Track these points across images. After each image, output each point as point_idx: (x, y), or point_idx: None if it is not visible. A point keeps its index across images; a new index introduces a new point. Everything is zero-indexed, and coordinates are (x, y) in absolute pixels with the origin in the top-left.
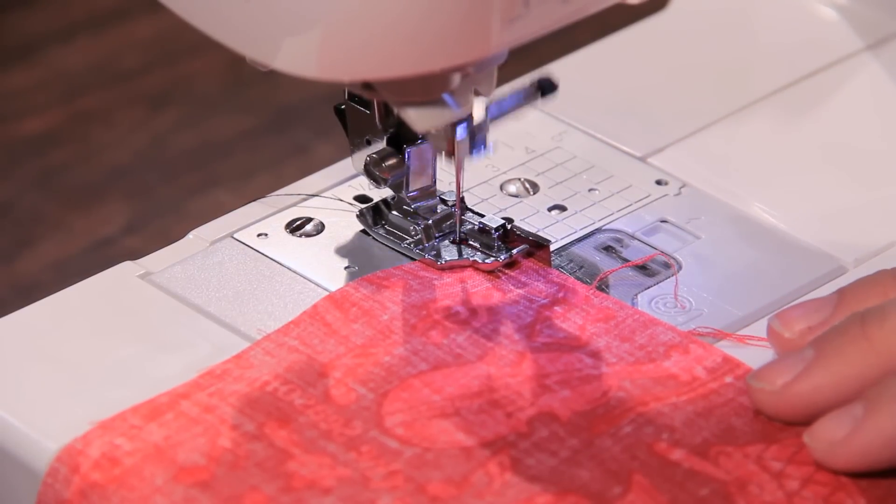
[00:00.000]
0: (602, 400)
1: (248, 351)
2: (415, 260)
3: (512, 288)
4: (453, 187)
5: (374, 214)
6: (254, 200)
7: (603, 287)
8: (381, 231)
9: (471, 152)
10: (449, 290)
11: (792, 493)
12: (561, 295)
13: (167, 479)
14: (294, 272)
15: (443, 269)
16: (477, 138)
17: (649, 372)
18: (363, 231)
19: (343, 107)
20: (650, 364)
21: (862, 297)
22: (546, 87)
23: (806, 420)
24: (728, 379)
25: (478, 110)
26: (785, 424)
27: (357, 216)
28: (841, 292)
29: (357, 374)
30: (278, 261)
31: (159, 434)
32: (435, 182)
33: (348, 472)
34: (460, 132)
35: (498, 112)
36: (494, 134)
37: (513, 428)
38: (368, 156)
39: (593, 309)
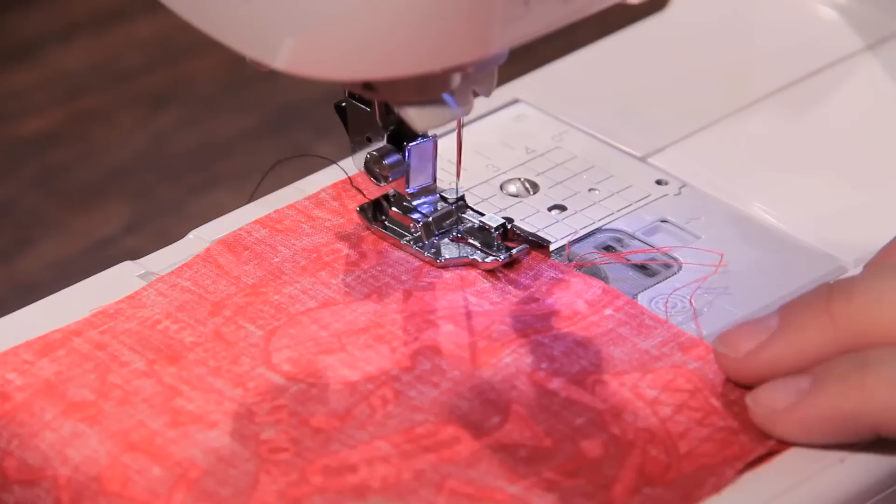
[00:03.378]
0: (484, 333)
1: (141, 292)
2: (333, 212)
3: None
4: (454, 185)
5: (374, 210)
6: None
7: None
8: (381, 227)
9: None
10: (340, 232)
11: (665, 418)
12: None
13: (56, 415)
14: None
15: (442, 266)
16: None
17: (532, 310)
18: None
19: (343, 104)
20: (533, 304)
21: (800, 315)
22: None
23: None
24: (608, 311)
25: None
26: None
27: (357, 212)
28: (781, 310)
29: (246, 313)
30: None
31: (50, 369)
32: (435, 179)
33: (234, 406)
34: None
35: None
36: (495, 137)
37: (397, 362)
38: (369, 153)
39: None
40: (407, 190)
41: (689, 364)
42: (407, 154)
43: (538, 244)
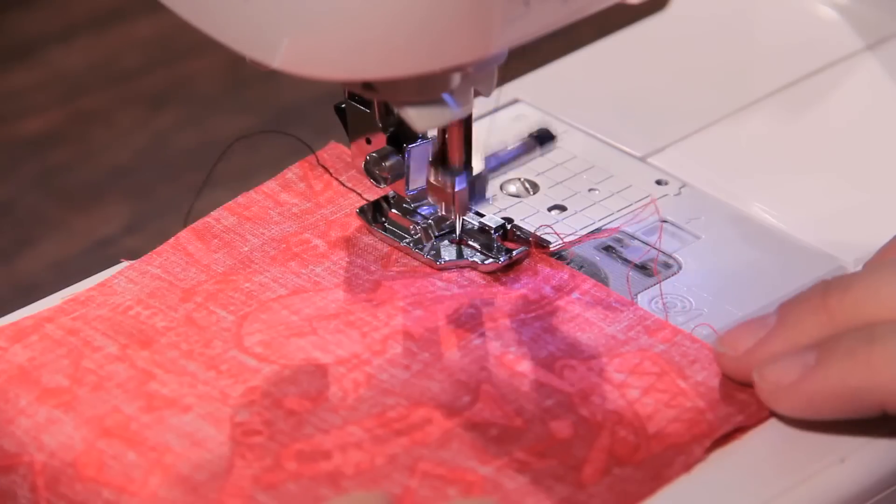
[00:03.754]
0: (453, 318)
1: (112, 279)
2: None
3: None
4: None
5: (374, 212)
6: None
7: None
8: (381, 229)
9: (470, 201)
10: (308, 220)
11: (633, 400)
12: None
13: (31, 401)
14: None
15: (442, 269)
16: (476, 188)
17: (499, 294)
18: None
19: (343, 106)
20: (500, 287)
21: (797, 311)
22: (544, 138)
23: None
24: (575, 295)
25: (477, 162)
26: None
27: (357, 213)
28: (779, 308)
29: (218, 299)
30: None
31: (24, 355)
32: None
33: (207, 389)
34: (459, 182)
35: (496, 164)
36: (495, 137)
37: (367, 346)
38: (368, 155)
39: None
40: (406, 192)
41: (655, 347)
42: (406, 156)
43: (538, 245)
